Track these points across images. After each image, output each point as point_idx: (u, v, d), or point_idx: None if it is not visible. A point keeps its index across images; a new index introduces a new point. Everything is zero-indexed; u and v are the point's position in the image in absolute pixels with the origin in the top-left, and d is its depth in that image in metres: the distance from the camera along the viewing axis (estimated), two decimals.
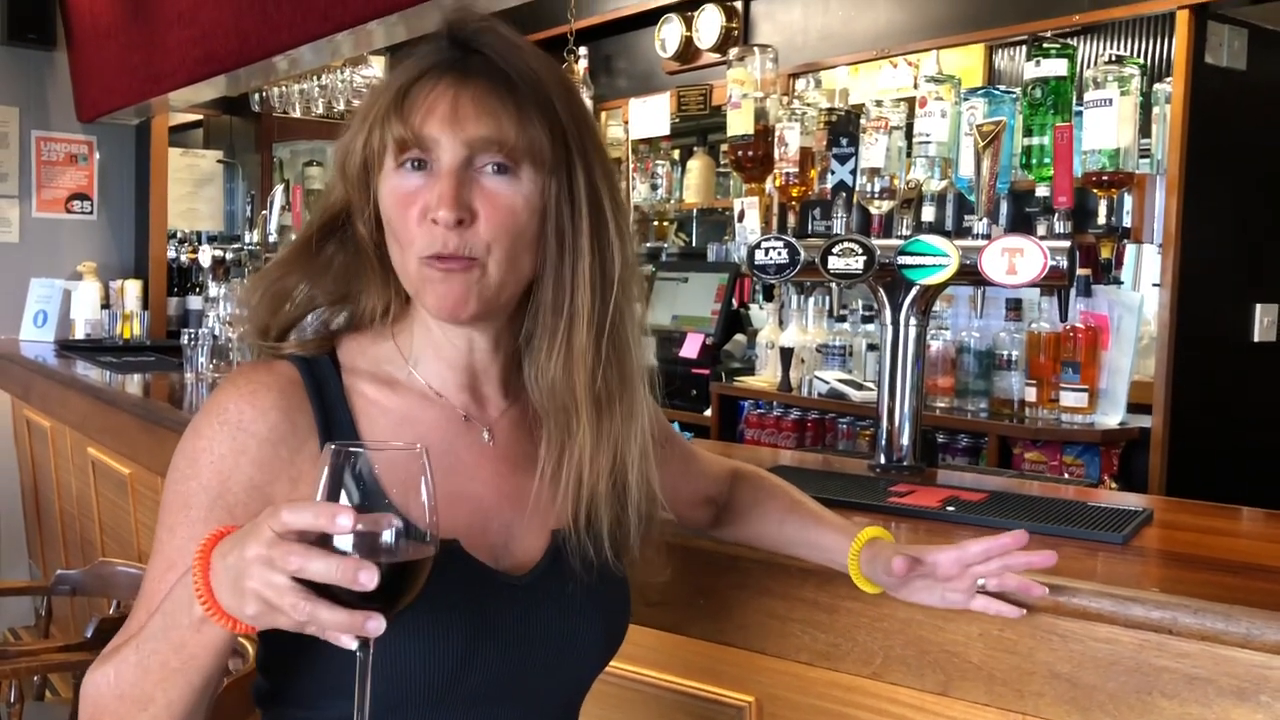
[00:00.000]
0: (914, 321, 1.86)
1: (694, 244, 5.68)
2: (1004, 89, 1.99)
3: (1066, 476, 2.78)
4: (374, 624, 0.77)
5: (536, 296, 1.03)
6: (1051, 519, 1.44)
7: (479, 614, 0.99)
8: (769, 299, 3.72)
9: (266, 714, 1.05)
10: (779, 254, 1.97)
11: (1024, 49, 3.59)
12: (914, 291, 1.84)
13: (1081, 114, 1.93)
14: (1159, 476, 2.90)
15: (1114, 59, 1.95)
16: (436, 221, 0.96)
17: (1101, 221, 2.06)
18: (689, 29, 4.63)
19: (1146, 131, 3.02)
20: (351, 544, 0.78)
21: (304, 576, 0.76)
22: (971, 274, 1.79)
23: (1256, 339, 3.18)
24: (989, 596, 1.16)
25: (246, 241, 4.81)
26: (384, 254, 1.03)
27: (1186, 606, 1.10)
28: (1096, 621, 1.15)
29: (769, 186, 2.47)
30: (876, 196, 2.01)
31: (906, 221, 1.96)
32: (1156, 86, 3.09)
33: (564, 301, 1.01)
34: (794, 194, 2.30)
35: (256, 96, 5.12)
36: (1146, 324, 3.01)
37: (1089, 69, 1.92)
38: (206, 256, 4.81)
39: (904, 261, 1.82)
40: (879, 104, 2.10)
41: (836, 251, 1.89)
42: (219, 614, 0.82)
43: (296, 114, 5.18)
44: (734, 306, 3.90)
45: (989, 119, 1.90)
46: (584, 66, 4.71)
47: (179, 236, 5.28)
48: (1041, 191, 1.87)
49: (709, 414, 3.69)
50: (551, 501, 1.06)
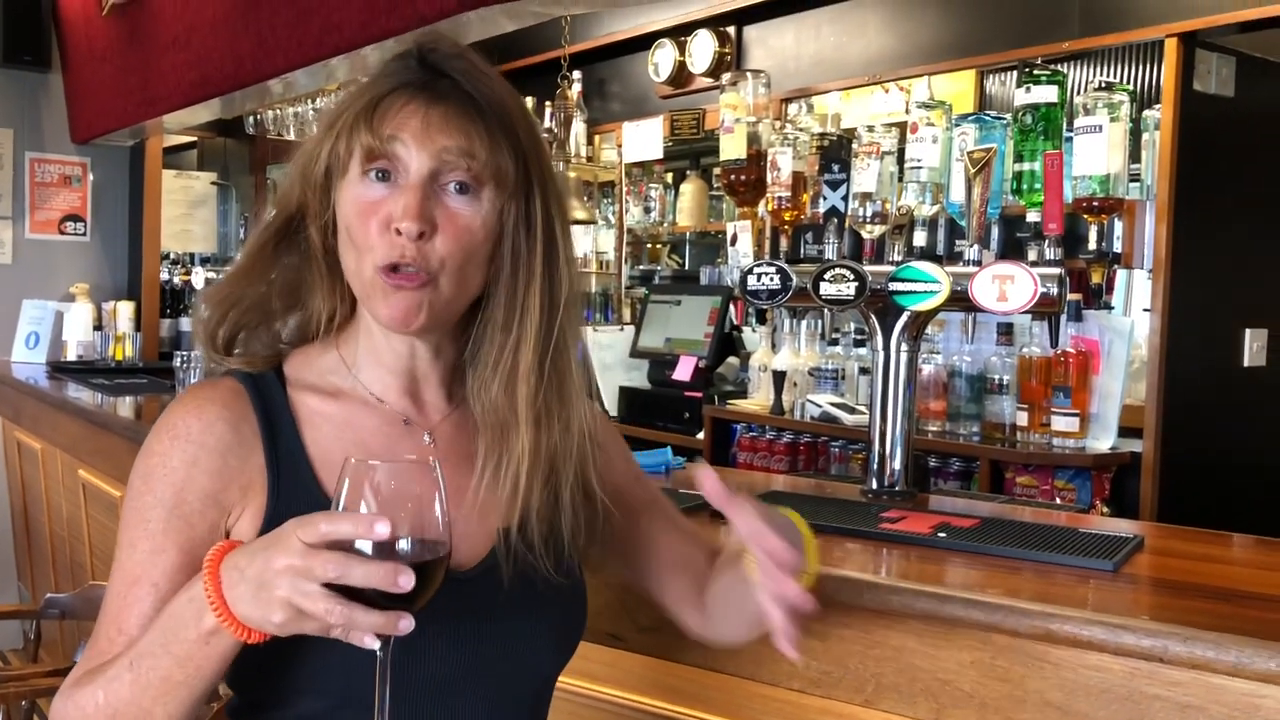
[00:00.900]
0: (905, 347, 1.86)
1: (687, 267, 5.70)
2: (995, 115, 2.01)
3: (1058, 501, 2.79)
4: (405, 623, 0.84)
5: (486, 314, 1.07)
6: (1043, 546, 1.44)
7: (427, 608, 0.99)
8: (762, 322, 3.73)
9: None
10: (771, 280, 1.98)
11: (1014, 75, 3.62)
12: (905, 317, 1.85)
13: (1072, 140, 1.95)
14: (1150, 500, 2.90)
15: (1104, 86, 1.97)
16: (400, 232, 0.99)
17: (1092, 247, 2.07)
18: (682, 54, 4.65)
19: (1136, 157, 3.04)
20: (372, 550, 0.83)
21: (344, 583, 0.81)
22: (962, 300, 1.79)
23: (1246, 364, 3.19)
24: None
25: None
26: (333, 261, 1.07)
27: (1177, 635, 1.10)
28: (1088, 649, 1.15)
29: (761, 210, 2.49)
30: (868, 221, 2.02)
31: (898, 246, 1.97)
32: (1146, 113, 3.11)
33: (514, 321, 1.05)
34: (786, 218, 2.31)
35: (251, 119, 5.12)
36: (1137, 348, 3.02)
37: (1079, 95, 1.94)
38: (200, 278, 4.81)
39: (895, 288, 1.83)
40: (871, 129, 2.11)
41: (828, 277, 1.89)
42: (234, 624, 0.86)
43: (291, 137, 5.18)
44: (727, 329, 3.90)
45: (980, 145, 1.91)
46: (578, 90, 4.73)
47: (172, 258, 5.28)
48: (1032, 217, 1.88)
49: (701, 437, 3.68)
50: (495, 502, 1.08)
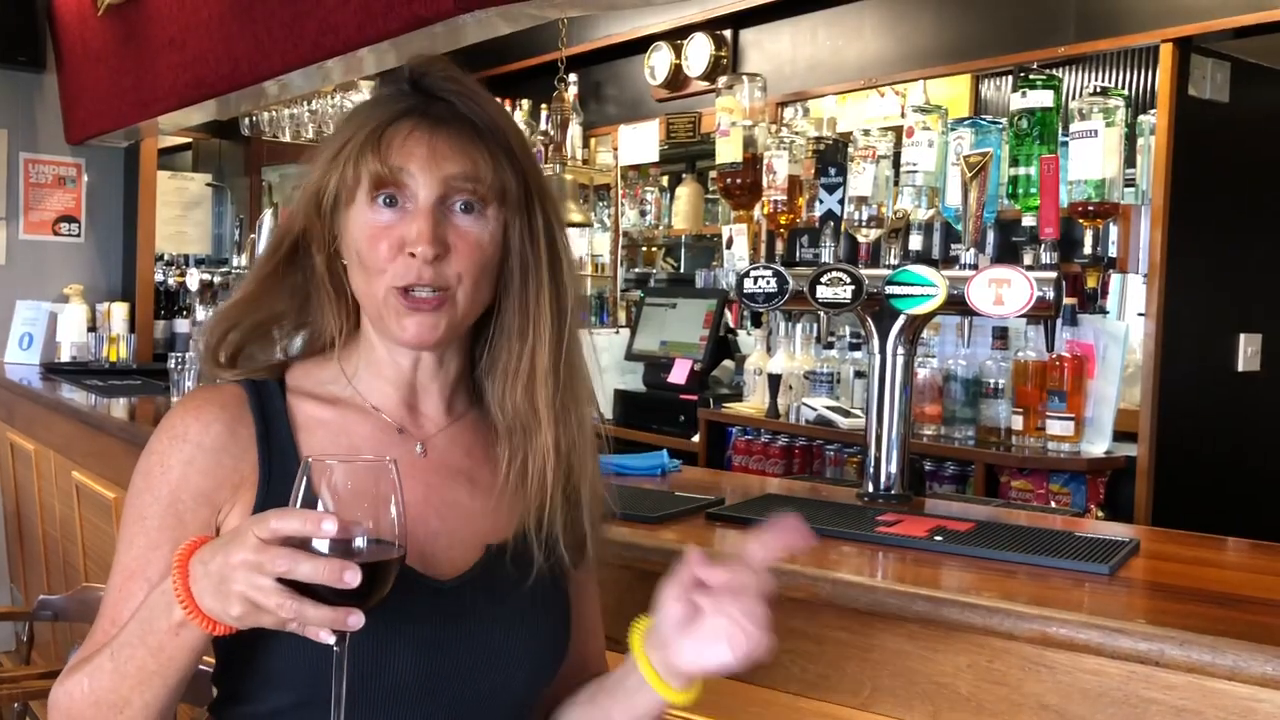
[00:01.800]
0: (901, 350, 1.87)
1: (682, 270, 5.71)
2: (990, 119, 2.01)
3: (1053, 505, 2.79)
4: (355, 618, 0.86)
5: (499, 324, 1.12)
6: (1039, 550, 1.45)
7: (396, 613, 1.01)
8: (757, 325, 3.73)
9: (215, 717, 1.10)
10: (768, 283, 1.98)
11: (1010, 80, 3.63)
12: (901, 320, 1.85)
13: (1067, 145, 1.95)
14: (1145, 505, 2.91)
15: (1099, 90, 1.97)
16: (415, 255, 1.03)
17: (1087, 251, 2.07)
18: (678, 57, 4.66)
19: (1131, 162, 3.05)
20: (328, 548, 0.86)
21: (292, 578, 0.84)
22: (959, 304, 1.80)
23: (1241, 368, 3.20)
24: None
25: (234, 265, 4.80)
26: (338, 283, 1.11)
27: (1173, 638, 1.10)
28: (1084, 653, 1.15)
29: (757, 214, 2.49)
30: (864, 225, 2.02)
31: (894, 250, 1.98)
32: (1141, 118, 3.12)
33: (528, 329, 1.10)
34: (782, 221, 2.31)
35: (246, 120, 5.12)
36: (1132, 353, 3.03)
37: (1074, 100, 1.94)
38: (194, 280, 4.80)
39: (892, 291, 1.83)
40: (866, 133, 2.12)
41: (825, 281, 1.90)
42: (199, 617, 0.90)
43: (286, 138, 5.18)
44: (722, 333, 3.91)
45: (976, 149, 1.92)
46: (574, 93, 4.73)
47: (166, 259, 5.27)
48: (1028, 221, 1.88)
49: (696, 440, 3.68)
50: (492, 517, 1.11)
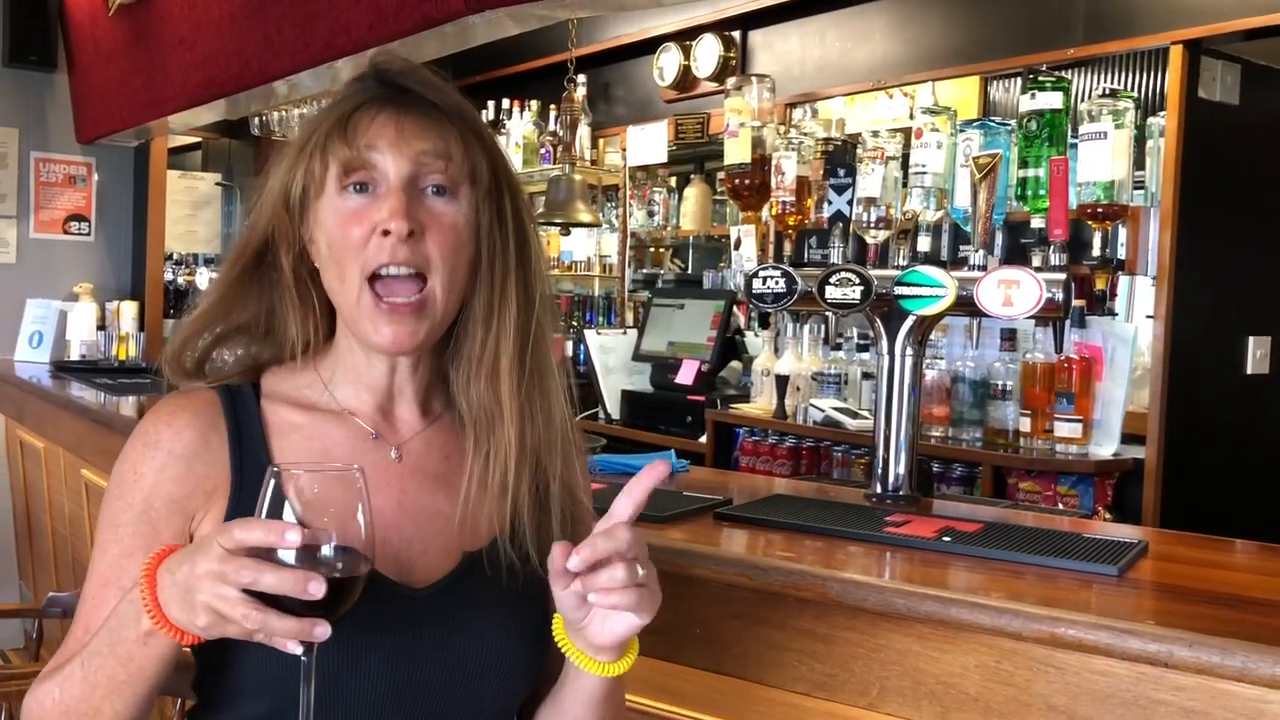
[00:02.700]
0: (910, 351, 1.86)
1: (690, 271, 5.71)
2: (999, 121, 2.01)
3: (1061, 507, 2.79)
4: (321, 629, 0.85)
5: (466, 311, 1.09)
6: (1047, 550, 1.45)
7: (366, 623, 0.99)
8: (764, 326, 3.73)
9: None
10: (776, 283, 1.98)
11: (1018, 82, 3.62)
12: (910, 321, 1.85)
13: (1076, 147, 1.95)
14: (1153, 507, 2.90)
15: (1108, 92, 1.97)
16: (388, 233, 1.01)
17: (1096, 253, 2.08)
18: (687, 58, 4.66)
19: (1141, 164, 3.05)
20: (295, 558, 0.85)
21: (257, 589, 0.83)
22: (968, 305, 1.80)
23: (1249, 371, 3.20)
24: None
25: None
26: (304, 291, 1.09)
27: (1182, 640, 1.10)
28: (1093, 654, 1.15)
29: (765, 215, 2.49)
30: (872, 226, 2.02)
31: (903, 251, 1.97)
32: (1150, 120, 3.12)
33: (493, 317, 1.08)
34: (790, 222, 2.31)
35: (256, 120, 5.14)
36: (1140, 355, 3.02)
37: (1084, 102, 1.94)
38: (203, 279, 4.82)
39: (901, 292, 1.83)
40: (875, 134, 2.12)
41: (834, 281, 1.90)
42: (167, 626, 0.89)
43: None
44: (730, 334, 3.91)
45: (985, 151, 1.91)
46: (582, 94, 4.74)
47: (176, 258, 5.29)
48: (1036, 223, 1.88)
49: (704, 441, 3.69)
50: (469, 523, 1.09)
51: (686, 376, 3.84)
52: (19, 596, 4.36)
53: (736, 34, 4.53)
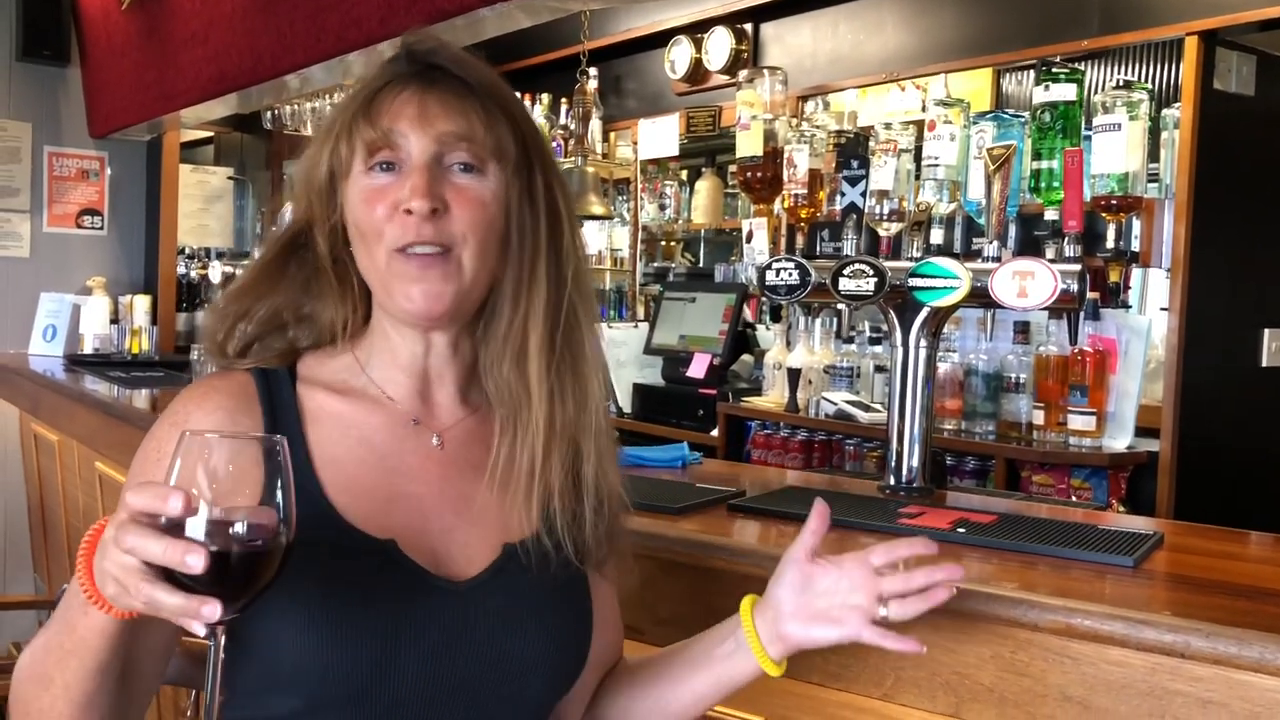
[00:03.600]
0: (924, 343, 1.86)
1: (701, 264, 5.70)
2: (1013, 112, 2.00)
3: (1074, 499, 2.78)
4: (209, 609, 0.77)
5: (497, 291, 1.07)
6: (1062, 541, 1.44)
7: (406, 617, 0.98)
8: (776, 320, 3.73)
9: None
10: (790, 275, 1.98)
11: (1031, 74, 3.61)
12: (924, 313, 1.85)
13: (1090, 138, 1.95)
14: (1167, 500, 2.90)
15: (1123, 84, 1.96)
16: (410, 212, 1.00)
17: (1110, 245, 2.07)
18: (699, 51, 4.66)
19: (1155, 156, 3.04)
20: (204, 531, 0.79)
21: (139, 557, 0.77)
22: (982, 296, 1.79)
23: (1264, 364, 3.18)
24: (882, 629, 1.08)
25: (256, 258, 4.82)
26: (342, 271, 1.08)
27: (1199, 630, 1.10)
28: (1108, 644, 1.15)
29: (777, 208, 2.49)
30: (885, 218, 2.02)
31: (916, 244, 1.97)
32: (1165, 112, 3.10)
33: (521, 296, 1.06)
34: (802, 215, 2.31)
35: (268, 114, 5.14)
36: (1154, 348, 3.01)
37: (1098, 94, 1.93)
38: (216, 272, 4.82)
39: (915, 283, 1.82)
40: (888, 126, 2.11)
41: (847, 273, 1.89)
42: (95, 596, 0.84)
43: (307, 132, 5.20)
44: (741, 327, 3.91)
45: (999, 142, 1.91)
46: (594, 86, 4.74)
47: (188, 252, 5.30)
48: (1050, 215, 1.87)
49: (716, 434, 3.69)
50: (507, 514, 1.07)
51: (698, 370, 3.84)
52: (33, 589, 4.38)
53: (748, 26, 4.52)
